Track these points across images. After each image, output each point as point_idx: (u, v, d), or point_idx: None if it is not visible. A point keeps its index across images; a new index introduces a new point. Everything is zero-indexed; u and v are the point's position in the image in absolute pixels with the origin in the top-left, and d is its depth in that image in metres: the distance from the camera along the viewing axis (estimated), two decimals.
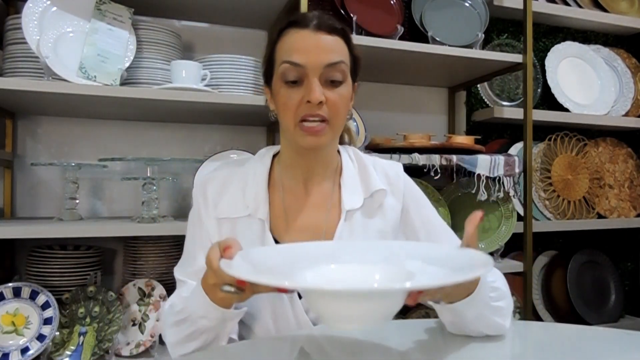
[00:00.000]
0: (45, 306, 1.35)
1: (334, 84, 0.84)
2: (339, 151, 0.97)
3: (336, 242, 0.82)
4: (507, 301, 0.81)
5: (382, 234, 0.91)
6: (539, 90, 2.23)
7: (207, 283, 0.72)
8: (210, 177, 0.94)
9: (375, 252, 0.71)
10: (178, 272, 0.93)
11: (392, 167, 0.98)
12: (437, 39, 1.77)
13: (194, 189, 0.95)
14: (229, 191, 0.91)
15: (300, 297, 0.87)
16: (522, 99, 1.96)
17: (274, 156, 0.97)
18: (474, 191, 1.70)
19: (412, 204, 0.96)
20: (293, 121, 0.83)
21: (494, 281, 0.80)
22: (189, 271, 0.90)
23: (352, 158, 0.97)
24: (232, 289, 0.67)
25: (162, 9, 1.68)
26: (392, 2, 1.82)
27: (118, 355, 1.43)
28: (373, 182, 0.93)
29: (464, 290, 0.72)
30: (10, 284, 1.35)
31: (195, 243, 0.91)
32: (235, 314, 0.76)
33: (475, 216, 0.70)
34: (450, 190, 1.91)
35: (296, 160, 0.92)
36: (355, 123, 1.78)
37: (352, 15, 1.63)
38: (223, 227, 0.90)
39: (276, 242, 0.88)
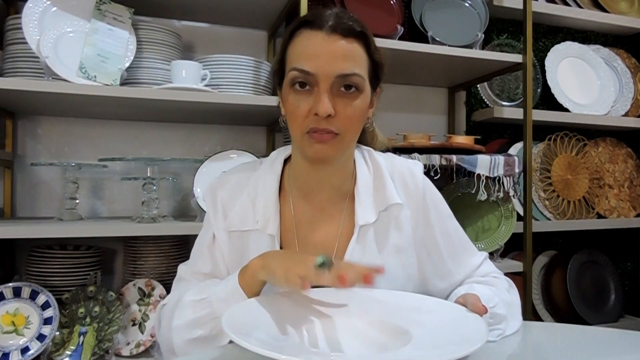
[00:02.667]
0: (45, 306, 1.35)
1: (347, 94, 0.76)
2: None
3: (339, 290, 0.79)
4: (506, 322, 0.80)
5: (396, 249, 0.86)
6: (539, 90, 2.23)
7: (253, 267, 0.73)
8: (221, 182, 0.90)
9: (382, 307, 0.74)
10: (183, 270, 0.91)
11: (409, 171, 0.91)
12: (437, 39, 1.77)
13: (206, 192, 0.91)
14: (239, 201, 0.87)
15: None
16: (522, 99, 1.96)
17: (286, 160, 0.92)
18: (473, 191, 1.70)
19: (432, 214, 0.90)
20: (300, 131, 0.77)
21: (494, 306, 0.78)
22: (193, 271, 0.89)
23: (367, 163, 0.90)
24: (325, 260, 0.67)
25: (162, 9, 1.69)
26: (392, 2, 1.82)
27: (118, 355, 1.43)
28: (389, 194, 0.86)
29: None
30: (10, 284, 1.34)
31: (202, 245, 0.89)
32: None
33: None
34: (450, 190, 1.91)
35: (306, 170, 0.86)
36: None
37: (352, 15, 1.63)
38: (233, 239, 0.87)
39: None
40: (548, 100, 2.20)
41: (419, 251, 0.89)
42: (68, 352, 1.36)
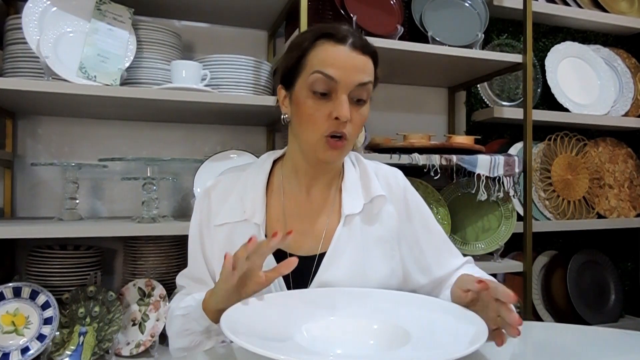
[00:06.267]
0: (45, 306, 1.35)
1: (359, 103, 0.85)
2: None
3: (338, 290, 0.83)
4: None
5: (380, 240, 0.92)
6: (539, 90, 2.23)
7: (210, 293, 0.79)
8: (214, 182, 0.95)
9: (376, 303, 0.76)
10: (180, 278, 0.98)
11: (392, 174, 0.99)
12: (437, 39, 1.77)
13: (199, 195, 0.96)
14: (230, 198, 0.92)
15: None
16: (522, 99, 1.96)
17: (276, 161, 0.98)
18: (474, 191, 1.70)
19: (413, 211, 0.96)
20: (317, 134, 0.84)
21: None
22: (189, 277, 0.96)
23: (354, 163, 0.98)
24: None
25: (162, 9, 1.69)
26: (392, 2, 1.82)
27: (118, 355, 1.43)
28: (374, 187, 0.93)
29: None
30: (10, 284, 1.34)
31: (194, 251, 0.94)
32: (217, 330, 0.81)
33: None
34: (450, 190, 1.91)
35: (303, 168, 0.92)
36: None
37: (352, 15, 1.63)
38: (220, 233, 0.91)
39: None
40: (548, 100, 2.20)
41: (401, 245, 0.94)
42: (68, 352, 1.36)
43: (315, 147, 0.85)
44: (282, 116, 0.92)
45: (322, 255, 0.88)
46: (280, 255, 0.87)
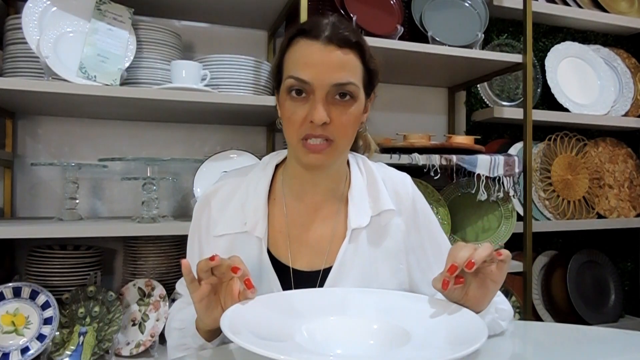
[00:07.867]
0: (45, 306, 1.35)
1: (342, 102, 0.78)
2: (348, 162, 0.92)
3: (338, 290, 0.81)
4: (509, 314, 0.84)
5: (387, 254, 0.87)
6: (539, 90, 2.23)
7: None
8: (214, 189, 0.91)
9: (376, 303, 0.75)
10: (179, 286, 0.95)
11: (401, 181, 0.93)
12: (437, 39, 1.77)
13: (198, 203, 0.92)
14: (230, 206, 0.88)
15: None
16: (522, 99, 1.96)
17: (278, 165, 0.93)
18: (473, 191, 1.70)
19: (421, 222, 0.92)
20: (296, 137, 0.79)
21: (500, 301, 0.82)
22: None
23: (361, 170, 0.92)
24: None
25: (162, 9, 1.69)
26: (392, 2, 1.82)
27: (118, 355, 1.43)
28: (383, 200, 0.88)
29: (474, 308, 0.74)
30: (10, 284, 1.34)
31: (190, 261, 0.91)
32: (211, 349, 0.79)
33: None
34: (450, 190, 1.91)
35: (301, 173, 0.87)
36: None
37: (352, 15, 1.63)
38: (220, 243, 0.87)
39: (275, 260, 0.86)
40: (548, 100, 2.20)
41: (408, 258, 0.90)
42: (68, 352, 1.36)
43: (297, 151, 0.80)
44: (277, 119, 0.89)
45: (326, 270, 0.84)
46: (282, 269, 0.85)
